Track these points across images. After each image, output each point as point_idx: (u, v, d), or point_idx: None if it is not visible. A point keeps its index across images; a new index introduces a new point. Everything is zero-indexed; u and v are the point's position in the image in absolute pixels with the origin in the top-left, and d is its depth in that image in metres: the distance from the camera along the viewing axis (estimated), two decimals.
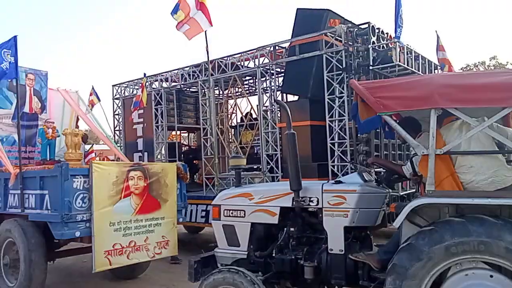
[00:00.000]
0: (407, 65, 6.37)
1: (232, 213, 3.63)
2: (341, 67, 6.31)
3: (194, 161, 9.77)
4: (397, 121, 3.12)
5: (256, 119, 8.59)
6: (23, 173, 5.25)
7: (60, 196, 4.57)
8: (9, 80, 6.38)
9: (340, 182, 3.28)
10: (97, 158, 8.96)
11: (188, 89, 9.86)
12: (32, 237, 4.85)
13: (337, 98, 6.38)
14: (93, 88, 9.23)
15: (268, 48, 7.46)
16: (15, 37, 5.41)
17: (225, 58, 8.06)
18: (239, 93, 10.26)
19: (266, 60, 7.59)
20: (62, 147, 6.69)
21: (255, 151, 8.97)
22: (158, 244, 5.19)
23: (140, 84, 8.51)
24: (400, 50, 6.18)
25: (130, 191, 4.90)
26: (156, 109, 8.90)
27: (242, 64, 8.14)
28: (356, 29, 6.43)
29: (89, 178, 4.62)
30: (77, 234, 4.59)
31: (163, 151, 9.00)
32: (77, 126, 7.80)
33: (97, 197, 4.60)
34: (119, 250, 4.76)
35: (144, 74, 8.45)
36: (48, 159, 6.46)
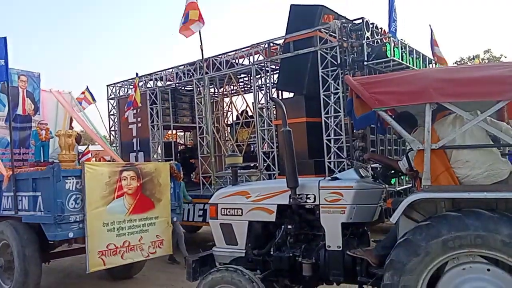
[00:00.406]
0: (402, 60, 6.38)
1: (229, 211, 3.62)
2: (336, 63, 6.30)
3: (191, 160, 9.75)
4: (393, 116, 3.11)
5: (252, 116, 8.57)
6: (16, 175, 5.23)
7: (52, 197, 4.57)
8: (1, 83, 6.31)
9: (336, 178, 3.27)
10: (93, 159, 8.91)
11: (183, 88, 9.82)
12: (25, 233, 4.87)
13: (332, 94, 6.37)
14: (87, 88, 9.15)
15: (263, 45, 7.44)
16: (4, 39, 5.34)
17: (220, 56, 8.03)
18: (234, 91, 10.23)
19: (261, 58, 7.57)
20: (56, 148, 6.64)
21: (252, 149, 8.96)
22: (152, 244, 5.20)
23: (133, 84, 8.46)
24: (394, 45, 6.18)
25: (123, 191, 4.90)
26: (152, 109, 8.86)
27: (237, 61, 8.12)
28: (350, 25, 6.42)
29: (82, 179, 4.61)
30: (71, 235, 4.60)
31: (159, 151, 8.97)
32: (71, 127, 7.74)
33: (89, 198, 4.60)
34: (113, 250, 4.77)
35: (137, 74, 8.40)
36: (42, 161, 6.42)
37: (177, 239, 6.50)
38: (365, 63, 6.16)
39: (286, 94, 8.12)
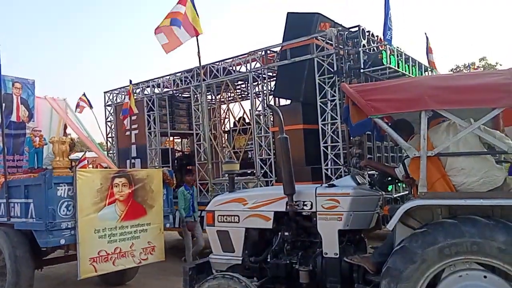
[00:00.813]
0: (398, 68, 6.44)
1: (226, 218, 3.62)
2: (332, 70, 6.35)
3: (188, 167, 9.72)
4: (389, 123, 3.14)
5: (249, 123, 8.60)
6: (8, 182, 5.24)
7: (44, 204, 4.61)
8: None
9: (333, 185, 3.29)
10: (90, 166, 8.88)
11: (180, 95, 9.85)
12: (15, 236, 4.92)
13: (329, 102, 6.41)
14: (84, 94, 9.16)
15: (260, 53, 7.50)
16: None
17: (217, 63, 8.07)
18: (231, 98, 10.26)
19: (258, 65, 7.62)
20: (48, 153, 6.63)
21: (249, 156, 8.96)
22: (144, 250, 5.23)
23: (127, 91, 8.46)
24: (390, 53, 6.25)
25: (114, 198, 4.95)
26: (149, 115, 8.87)
27: (234, 68, 8.16)
28: (346, 32, 6.49)
29: (73, 186, 4.65)
30: (62, 241, 4.64)
31: (156, 158, 8.95)
32: (65, 134, 7.74)
33: (81, 205, 4.65)
34: (104, 257, 4.80)
35: (130, 81, 8.41)
36: (36, 168, 6.40)
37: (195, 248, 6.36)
38: (362, 70, 6.21)
39: (283, 101, 8.17)
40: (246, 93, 9.90)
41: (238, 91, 9.98)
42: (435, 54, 7.76)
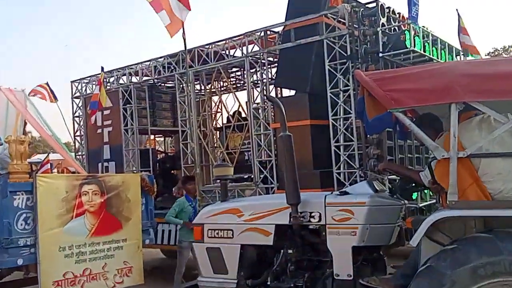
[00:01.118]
0: (424, 51, 6.46)
1: (217, 233, 3.66)
2: (345, 54, 6.36)
3: (172, 171, 9.75)
4: (413, 118, 3.15)
5: (245, 119, 8.61)
6: None
7: None
8: None
9: (346, 193, 3.32)
10: (54, 170, 8.87)
11: (163, 84, 9.86)
12: None
13: (341, 92, 6.42)
14: (47, 84, 9.13)
15: (258, 34, 7.50)
16: None
17: (207, 47, 8.08)
18: (224, 88, 10.28)
19: (256, 48, 7.62)
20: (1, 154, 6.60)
21: (245, 158, 8.99)
22: (119, 272, 5.27)
23: (97, 81, 8.40)
24: (415, 33, 6.26)
25: (83, 209, 4.98)
26: (125, 109, 8.86)
27: (228, 53, 8.16)
28: (362, 9, 6.49)
29: (33, 194, 4.67)
30: (20, 262, 4.66)
31: (133, 160, 8.95)
32: (24, 132, 7.74)
33: (43, 217, 4.66)
34: (71, 280, 4.83)
35: (102, 68, 8.36)
36: None
37: None
38: (380, 54, 6.22)
39: (286, 92, 8.17)
40: (242, 82, 9.92)
41: (232, 79, 10.00)
42: (471, 36, 7.75)
